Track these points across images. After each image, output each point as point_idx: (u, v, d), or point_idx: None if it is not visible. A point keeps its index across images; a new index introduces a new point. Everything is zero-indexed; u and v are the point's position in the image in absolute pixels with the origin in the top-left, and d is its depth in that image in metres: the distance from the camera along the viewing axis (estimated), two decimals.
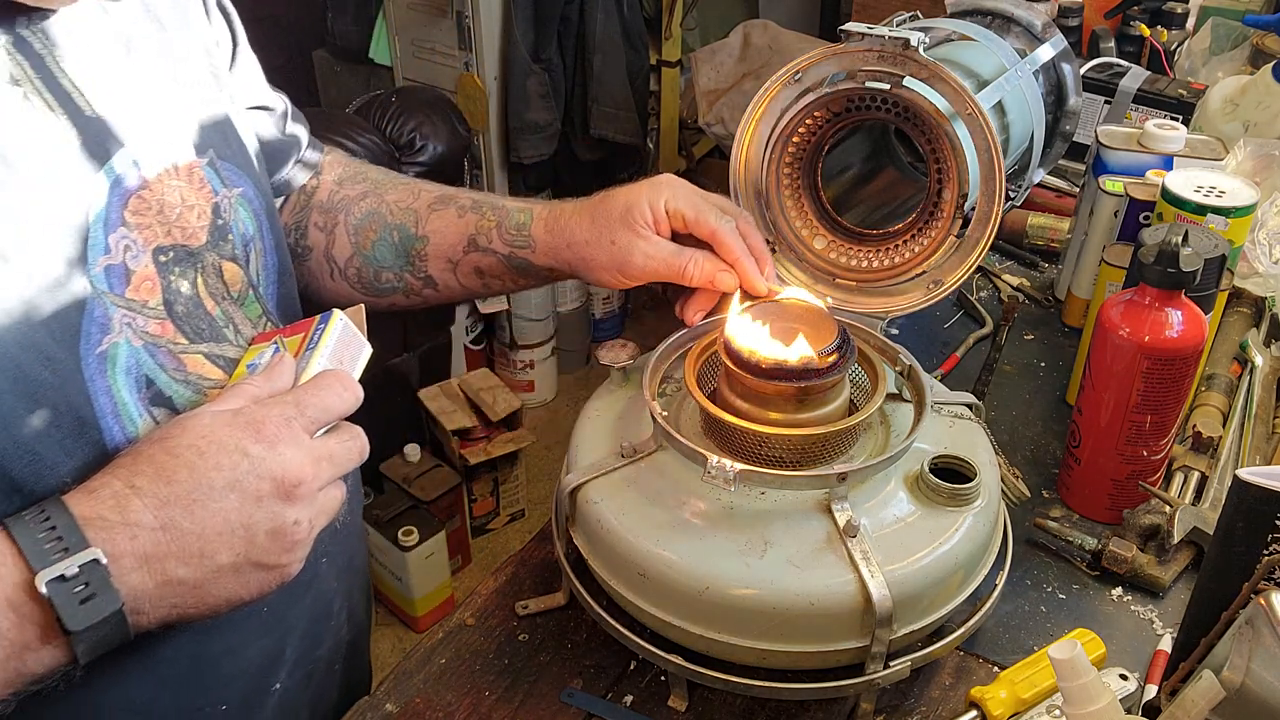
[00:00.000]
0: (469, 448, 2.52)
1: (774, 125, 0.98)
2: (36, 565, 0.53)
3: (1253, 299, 1.25)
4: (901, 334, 0.95)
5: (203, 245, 0.72)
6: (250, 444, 0.59)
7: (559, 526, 0.86)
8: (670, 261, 0.87)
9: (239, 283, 0.75)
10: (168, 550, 0.56)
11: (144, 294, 0.66)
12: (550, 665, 0.87)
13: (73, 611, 0.53)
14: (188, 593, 0.58)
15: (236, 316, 0.74)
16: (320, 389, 0.64)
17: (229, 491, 0.57)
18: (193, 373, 0.69)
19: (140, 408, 0.65)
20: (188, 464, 0.57)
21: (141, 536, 0.56)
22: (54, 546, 0.53)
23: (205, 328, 0.71)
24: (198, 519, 0.57)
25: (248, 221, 0.79)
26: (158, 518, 0.56)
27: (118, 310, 0.64)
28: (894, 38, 0.91)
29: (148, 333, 0.66)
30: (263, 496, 0.58)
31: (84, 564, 0.53)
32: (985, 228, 0.93)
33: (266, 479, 0.58)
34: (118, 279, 0.65)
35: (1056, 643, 0.66)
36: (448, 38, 2.75)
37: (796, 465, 0.80)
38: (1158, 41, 1.81)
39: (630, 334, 3.37)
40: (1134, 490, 0.98)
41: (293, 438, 0.60)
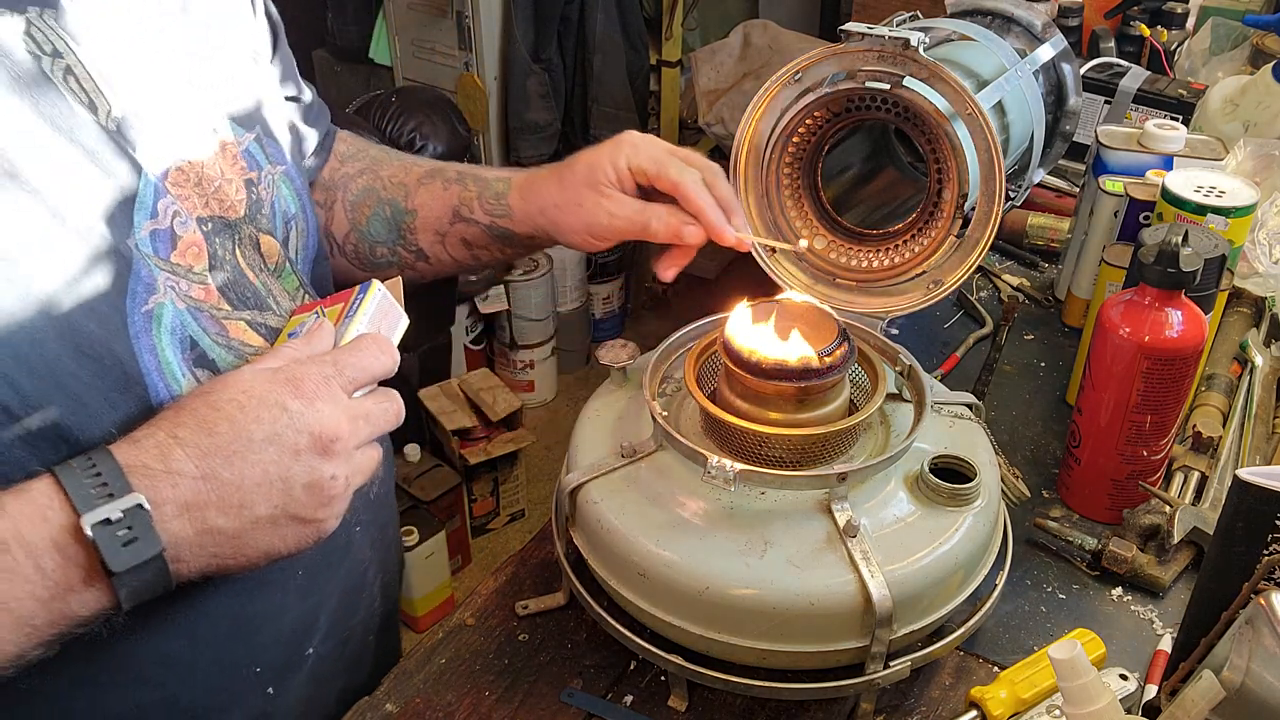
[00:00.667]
0: (469, 448, 2.52)
1: (774, 125, 0.98)
2: (82, 509, 0.55)
3: (1253, 299, 1.25)
4: (901, 334, 0.95)
5: (240, 217, 0.74)
6: (289, 399, 0.60)
7: (559, 526, 0.86)
8: (634, 218, 0.87)
9: (275, 255, 0.76)
10: (208, 499, 0.58)
11: (190, 259, 0.68)
12: (550, 665, 0.87)
13: (116, 553, 0.55)
14: (226, 542, 0.59)
15: (275, 288, 0.76)
16: (358, 350, 0.65)
17: (268, 444, 0.59)
18: (235, 339, 0.71)
19: (184, 367, 0.67)
20: (228, 417, 0.59)
21: (183, 485, 0.57)
22: (99, 492, 0.55)
23: (249, 296, 0.73)
24: (237, 470, 0.58)
25: (290, 199, 0.81)
26: (199, 467, 0.58)
27: (161, 273, 0.66)
28: (894, 38, 0.91)
29: (192, 297, 0.68)
30: (300, 450, 0.60)
31: (128, 508, 0.55)
32: (985, 228, 0.93)
33: (304, 433, 0.60)
34: (163, 243, 0.66)
35: (1056, 643, 0.66)
36: (448, 38, 2.75)
37: (796, 465, 0.80)
38: (1158, 41, 1.81)
39: (630, 334, 3.37)
40: (1134, 490, 0.98)
41: (330, 395, 0.62)
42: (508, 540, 2.66)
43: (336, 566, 0.82)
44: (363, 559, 0.86)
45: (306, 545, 0.63)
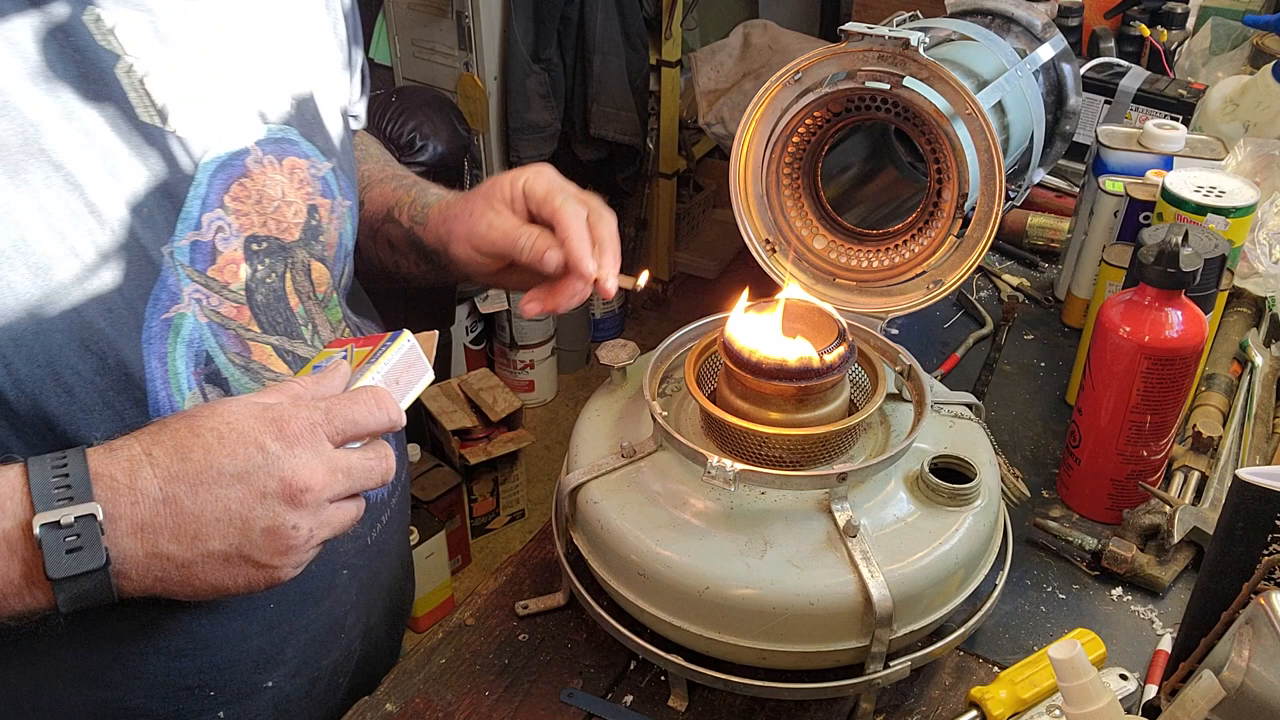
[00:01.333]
0: (469, 448, 2.52)
1: (774, 125, 0.98)
2: (38, 507, 0.55)
3: (1253, 299, 1.25)
4: (901, 334, 0.95)
5: (295, 241, 0.74)
6: (269, 440, 0.59)
7: (559, 526, 0.86)
8: (508, 233, 0.84)
9: (325, 284, 0.77)
10: (164, 524, 0.58)
11: (226, 276, 0.68)
12: (550, 665, 0.87)
13: (57, 559, 0.54)
14: (174, 570, 0.59)
15: (318, 317, 0.76)
16: (353, 402, 0.63)
17: (236, 481, 0.58)
18: (256, 361, 0.71)
19: (193, 381, 0.67)
20: (205, 445, 0.58)
21: (142, 505, 0.57)
22: (61, 493, 0.55)
23: (281, 321, 0.72)
24: (200, 500, 0.58)
25: (350, 235, 0.81)
26: (163, 490, 0.57)
27: (190, 284, 0.66)
28: (894, 38, 0.91)
29: (219, 313, 0.68)
30: (267, 494, 0.59)
31: (80, 516, 0.55)
32: (985, 228, 0.93)
33: (275, 478, 0.59)
34: (202, 256, 0.67)
35: (1056, 643, 0.66)
36: (448, 38, 2.75)
37: (796, 465, 0.80)
38: (1158, 41, 1.82)
39: (630, 334, 3.38)
40: (1134, 490, 0.98)
41: (313, 443, 0.60)
42: (508, 540, 2.66)
43: (313, 606, 0.80)
44: (344, 602, 0.84)
45: (257, 588, 0.62)
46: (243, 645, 0.76)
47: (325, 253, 0.77)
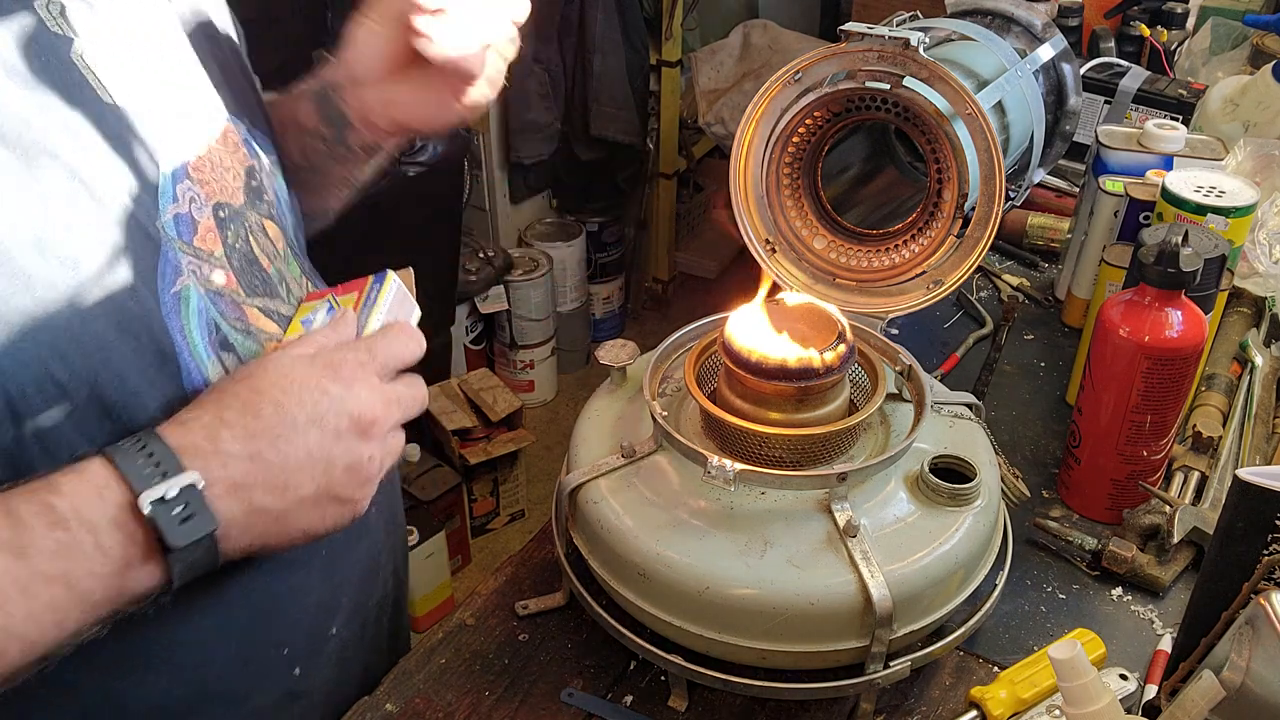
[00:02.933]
0: (469, 448, 2.52)
1: (774, 125, 0.98)
2: (139, 487, 0.56)
3: (1253, 299, 1.25)
4: (901, 334, 0.95)
5: (243, 204, 0.75)
6: (329, 384, 0.62)
7: (559, 526, 0.86)
8: None
9: (281, 242, 0.78)
10: (255, 479, 0.59)
11: (209, 244, 0.70)
12: (550, 665, 0.87)
13: (174, 530, 0.56)
14: (271, 522, 0.61)
15: (287, 276, 0.77)
16: (390, 338, 0.67)
17: (311, 426, 0.61)
18: (253, 324, 0.72)
19: (209, 350, 0.68)
20: (273, 400, 0.61)
21: (231, 465, 0.59)
22: (153, 472, 0.56)
23: (259, 283, 0.74)
24: (282, 451, 0.60)
25: (284, 190, 0.81)
26: (246, 448, 0.59)
27: (184, 256, 0.67)
28: (894, 38, 0.91)
29: (212, 282, 0.69)
30: (341, 432, 0.62)
31: (183, 487, 0.56)
32: (985, 228, 0.93)
33: (344, 416, 0.62)
34: (185, 227, 0.68)
35: (1056, 643, 0.66)
36: None
37: (796, 465, 0.80)
38: (1158, 41, 1.82)
39: (630, 334, 3.37)
40: (1134, 490, 0.98)
41: (366, 380, 0.64)
42: (508, 540, 2.66)
43: (355, 547, 0.83)
44: (378, 541, 0.88)
45: (343, 525, 0.65)
46: (308, 596, 0.78)
47: (271, 211, 0.78)
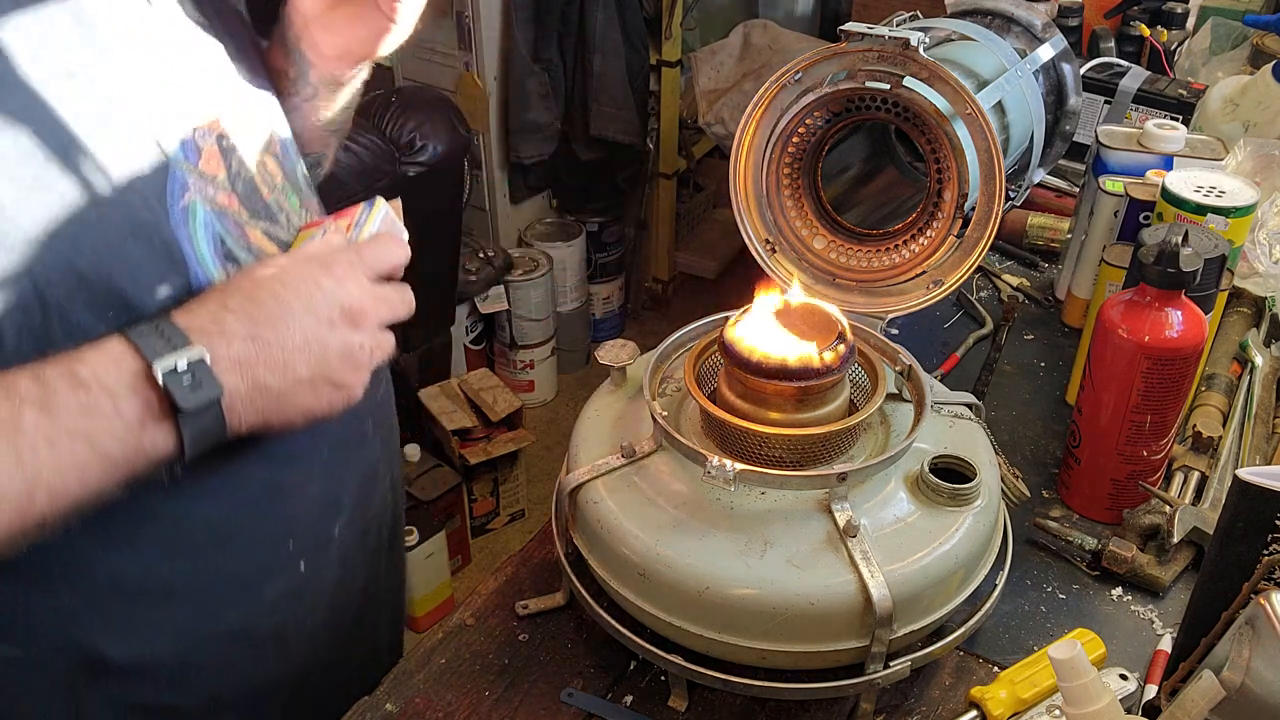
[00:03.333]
0: (469, 448, 2.52)
1: (774, 125, 0.98)
2: (152, 358, 0.62)
3: (1253, 299, 1.25)
4: (901, 334, 0.95)
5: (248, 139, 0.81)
6: (322, 278, 0.69)
7: (559, 526, 0.86)
8: None
9: (280, 175, 0.84)
10: (257, 359, 0.66)
11: (213, 168, 0.76)
12: (550, 665, 0.87)
13: (184, 395, 0.62)
14: (273, 400, 0.67)
15: (285, 205, 0.83)
16: (376, 244, 0.75)
17: (306, 314, 0.68)
18: (255, 244, 0.78)
19: (215, 260, 0.74)
20: (272, 291, 0.68)
21: (235, 344, 0.65)
22: (164, 346, 0.63)
23: (261, 209, 0.80)
24: (281, 335, 0.67)
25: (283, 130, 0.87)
26: (247, 330, 0.66)
27: (192, 176, 0.74)
28: (894, 38, 0.91)
29: (217, 202, 0.76)
30: (334, 321, 0.69)
31: (192, 360, 0.63)
32: (985, 228, 0.93)
33: (336, 307, 0.69)
34: (191, 152, 0.74)
35: (1056, 643, 0.66)
36: (448, 38, 2.75)
37: (796, 465, 0.80)
38: (1158, 41, 1.82)
39: (630, 334, 3.38)
40: (1134, 490, 0.98)
41: (356, 278, 0.71)
42: (508, 540, 2.66)
43: (354, 452, 0.89)
44: (374, 454, 0.93)
45: (338, 407, 0.71)
46: (309, 492, 0.84)
47: (273, 148, 0.83)
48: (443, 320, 2.68)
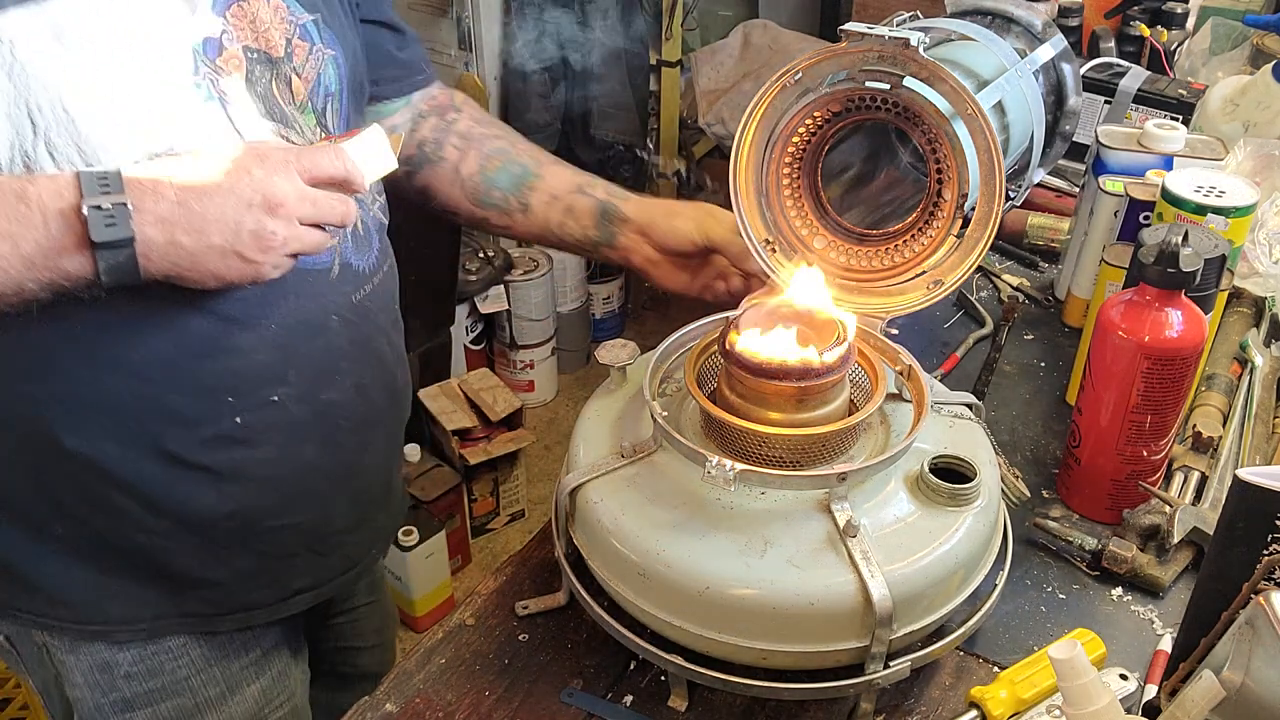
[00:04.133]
0: (469, 448, 2.52)
1: (774, 125, 0.98)
2: (86, 195, 0.74)
3: (1253, 299, 1.25)
4: (901, 334, 0.95)
5: (280, 57, 0.93)
6: (255, 166, 0.79)
7: (559, 526, 0.86)
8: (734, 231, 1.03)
9: (302, 95, 0.95)
10: (178, 220, 0.77)
11: (231, 67, 0.88)
12: (550, 665, 0.87)
13: (99, 229, 0.74)
14: (185, 257, 0.78)
15: (299, 119, 0.95)
16: (316, 152, 0.83)
17: (230, 193, 0.78)
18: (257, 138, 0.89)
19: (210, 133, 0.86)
20: (208, 166, 0.78)
21: (162, 204, 0.76)
22: (101, 187, 0.75)
23: (276, 112, 0.92)
24: (204, 205, 0.77)
25: (332, 80, 0.99)
26: (178, 196, 0.77)
27: (204, 67, 0.86)
28: (894, 38, 0.91)
29: (225, 94, 0.87)
30: (252, 205, 0.78)
31: (115, 204, 0.75)
32: (985, 228, 0.93)
33: (259, 194, 0.78)
34: (212, 49, 0.87)
35: (1056, 643, 0.66)
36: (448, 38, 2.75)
37: (796, 465, 0.80)
38: (1158, 41, 1.82)
39: (630, 334, 3.37)
40: (1134, 490, 0.98)
41: (286, 173, 0.80)
42: (508, 540, 2.66)
43: (309, 338, 0.96)
44: (337, 347, 0.99)
45: (246, 279, 0.81)
46: (253, 356, 0.92)
47: (303, 73, 0.95)
48: (443, 320, 2.68)
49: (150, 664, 1.01)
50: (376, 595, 1.34)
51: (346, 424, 1.02)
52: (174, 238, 0.77)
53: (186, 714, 1.04)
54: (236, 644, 1.05)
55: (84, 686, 1.01)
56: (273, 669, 1.09)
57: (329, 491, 1.03)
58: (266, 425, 0.95)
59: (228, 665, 1.04)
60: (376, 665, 1.36)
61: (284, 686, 1.11)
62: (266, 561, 1.02)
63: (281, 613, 1.05)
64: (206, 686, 1.04)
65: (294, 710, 1.13)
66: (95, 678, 1.00)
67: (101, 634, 0.98)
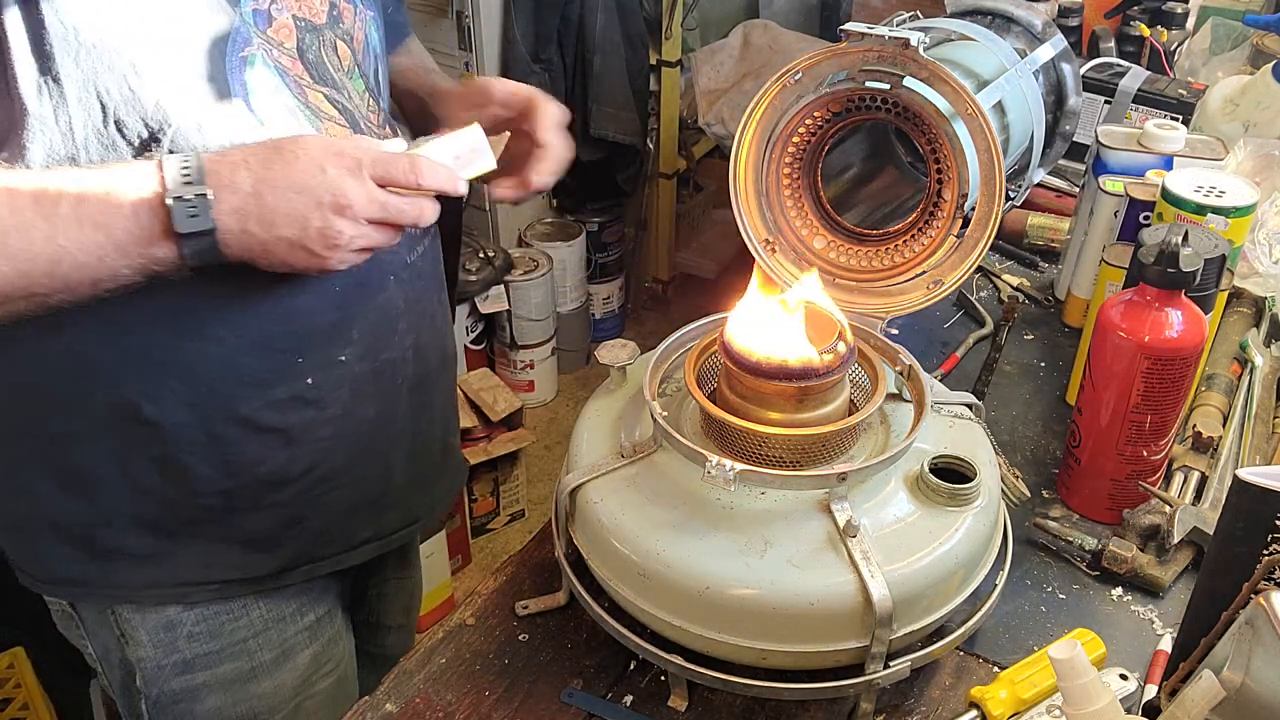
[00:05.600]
0: (469, 448, 2.52)
1: (774, 125, 0.98)
2: (170, 187, 0.77)
3: (1253, 299, 1.25)
4: (901, 334, 0.95)
5: (324, 24, 0.94)
6: (329, 165, 0.81)
7: (559, 526, 0.86)
8: None
9: (349, 60, 0.97)
10: (251, 211, 0.79)
11: (281, 36, 0.91)
12: (550, 665, 0.87)
13: (183, 220, 0.78)
14: (257, 245, 0.81)
15: (349, 86, 0.97)
16: (393, 160, 0.84)
17: (302, 190, 0.80)
18: (312, 103, 0.92)
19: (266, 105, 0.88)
20: (284, 160, 0.80)
21: (238, 195, 0.79)
22: (184, 178, 0.78)
23: (328, 78, 0.94)
24: (275, 199, 0.80)
25: (376, 40, 1.01)
26: (253, 188, 0.79)
27: (257, 37, 0.88)
28: (894, 38, 0.91)
29: (280, 62, 0.90)
30: (321, 204, 0.80)
31: (197, 194, 0.78)
32: (985, 228, 0.93)
33: (328, 194, 0.80)
34: (262, 19, 0.89)
35: (1056, 643, 0.66)
36: (448, 38, 2.75)
37: (796, 465, 0.80)
38: (1158, 41, 1.82)
39: (630, 334, 3.37)
40: (1134, 490, 0.98)
41: (358, 175, 0.82)
42: (508, 540, 2.66)
43: (370, 297, 0.99)
44: (395, 305, 1.02)
45: (313, 270, 0.84)
46: (318, 318, 0.95)
47: (347, 38, 0.97)
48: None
49: (212, 625, 1.04)
50: (408, 571, 1.36)
51: (404, 384, 1.06)
52: (246, 227, 0.80)
53: (243, 677, 1.07)
54: (293, 608, 1.08)
55: (149, 645, 1.03)
56: (324, 636, 1.12)
57: (390, 450, 1.07)
58: (334, 385, 0.99)
59: (284, 629, 1.08)
60: (401, 648, 1.38)
61: (332, 654, 1.14)
62: (333, 518, 1.05)
63: (344, 563, 1.09)
64: (263, 650, 1.07)
65: (340, 679, 1.16)
66: (160, 636, 1.03)
67: (175, 596, 1.02)
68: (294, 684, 1.11)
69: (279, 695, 1.10)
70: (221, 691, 1.07)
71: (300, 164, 0.81)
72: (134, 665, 1.05)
